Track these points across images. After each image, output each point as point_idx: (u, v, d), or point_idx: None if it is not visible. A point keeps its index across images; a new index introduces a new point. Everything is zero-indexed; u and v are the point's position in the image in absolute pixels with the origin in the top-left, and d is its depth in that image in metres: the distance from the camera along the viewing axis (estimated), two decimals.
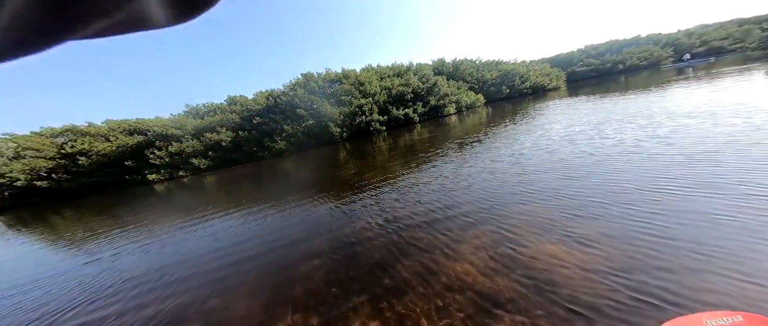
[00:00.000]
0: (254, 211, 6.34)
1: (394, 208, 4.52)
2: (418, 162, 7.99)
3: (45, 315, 3.35)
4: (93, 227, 8.09)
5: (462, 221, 3.58)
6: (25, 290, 4.25)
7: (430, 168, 6.95)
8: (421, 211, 4.15)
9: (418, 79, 31.50)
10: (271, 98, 26.84)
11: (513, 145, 7.69)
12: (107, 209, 11.80)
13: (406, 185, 5.85)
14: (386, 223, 3.96)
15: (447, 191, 4.87)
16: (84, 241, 6.69)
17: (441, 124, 21.59)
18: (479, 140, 9.57)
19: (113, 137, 24.46)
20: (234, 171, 19.43)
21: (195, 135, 24.77)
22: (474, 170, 5.91)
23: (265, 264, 3.53)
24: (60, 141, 24.43)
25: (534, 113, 14.61)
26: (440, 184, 5.38)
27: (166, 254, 4.69)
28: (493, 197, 4.17)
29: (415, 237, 3.37)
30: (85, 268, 4.73)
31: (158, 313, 2.96)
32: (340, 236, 3.82)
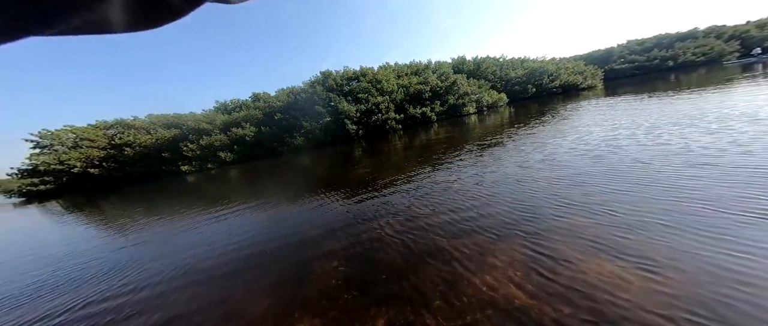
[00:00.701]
0: (273, 205, 6.46)
1: (413, 211, 4.28)
2: (435, 163, 7.61)
3: (89, 282, 3.91)
4: (133, 215, 8.70)
5: (489, 230, 3.24)
6: (80, 262, 4.87)
7: (449, 171, 6.53)
8: (442, 217, 3.86)
9: (436, 78, 30.96)
10: (291, 94, 27.98)
11: (543, 149, 6.91)
12: (146, 198, 13.08)
13: (423, 187, 5.53)
14: (404, 227, 3.76)
15: (470, 197, 4.48)
16: (124, 226, 7.25)
17: (459, 124, 21.08)
18: (502, 143, 8.90)
19: (153, 130, 27.04)
20: (255, 165, 20.58)
21: (223, 130, 26.57)
22: (498, 176, 5.34)
23: (280, 259, 3.49)
24: (111, 133, 27.54)
25: (565, 114, 13.57)
26: (462, 189, 4.98)
27: (193, 243, 4.81)
28: (523, 207, 3.71)
29: (436, 244, 3.12)
30: (124, 251, 5.07)
31: (176, 302, 2.95)
32: (356, 238, 3.68)
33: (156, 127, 27.22)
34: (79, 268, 4.53)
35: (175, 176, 24.89)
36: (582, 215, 3.22)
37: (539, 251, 2.68)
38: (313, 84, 27.78)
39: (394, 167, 8.23)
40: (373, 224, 4.04)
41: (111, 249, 5.38)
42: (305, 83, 28.68)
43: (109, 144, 26.60)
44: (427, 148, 11.26)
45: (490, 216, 3.61)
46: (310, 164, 14.34)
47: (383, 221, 4.05)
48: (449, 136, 13.86)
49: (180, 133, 26.82)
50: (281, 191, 8.16)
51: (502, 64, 39.26)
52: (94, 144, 26.46)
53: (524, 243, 2.85)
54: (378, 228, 3.86)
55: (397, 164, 8.85)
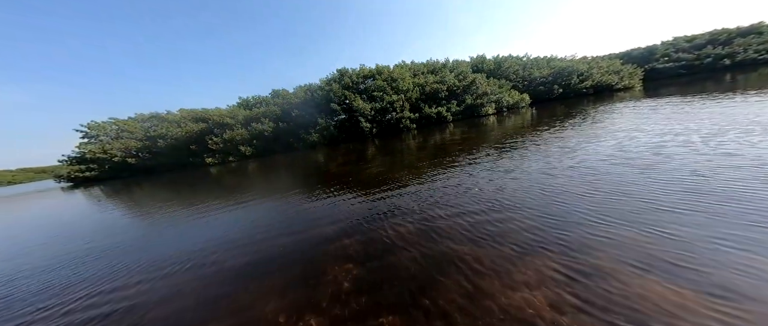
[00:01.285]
0: (288, 199, 6.53)
1: (429, 215, 4.07)
2: (451, 166, 7.28)
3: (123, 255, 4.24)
4: (161, 203, 9.19)
5: (514, 241, 2.97)
6: (116, 242, 5.36)
7: (466, 174, 6.14)
8: (461, 223, 3.62)
9: (454, 77, 30.22)
10: (309, 91, 28.73)
11: (572, 155, 6.27)
12: (174, 187, 14.12)
13: (439, 190, 5.26)
14: (420, 231, 3.55)
15: (491, 204, 4.16)
16: (151, 213, 7.69)
17: (477, 124, 20.47)
18: (524, 147, 8.35)
19: (183, 123, 29.07)
20: (272, 160, 21.41)
21: (244, 125, 27.93)
22: (522, 183, 4.88)
23: (294, 257, 3.41)
24: (147, 125, 30.02)
25: (597, 117, 12.63)
26: (481, 195, 4.62)
27: (210, 234, 4.92)
28: (553, 219, 3.34)
29: (455, 253, 2.90)
30: (147, 239, 5.37)
31: (189, 293, 2.98)
32: (370, 239, 3.54)
33: (186, 121, 29.26)
34: (108, 253, 4.83)
35: (200, 167, 26.61)
36: (630, 232, 2.81)
37: (576, 267, 2.39)
38: (329, 82, 28.31)
39: (408, 168, 8.07)
40: (388, 226, 3.89)
41: (136, 236, 5.72)
42: (322, 81, 29.31)
43: (145, 136, 29.04)
44: (441, 149, 10.99)
45: (514, 226, 3.30)
46: (325, 160, 14.60)
47: (398, 224, 3.90)
48: (465, 137, 13.45)
49: (206, 127, 28.61)
50: (296, 186, 8.31)
51: (526, 63, 37.41)
52: (132, 135, 29.05)
53: (558, 259, 2.54)
54: (392, 231, 3.71)
55: (412, 164, 8.65)
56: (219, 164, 26.48)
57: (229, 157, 27.31)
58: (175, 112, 31.15)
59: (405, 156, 10.83)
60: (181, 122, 29.23)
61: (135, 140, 28.82)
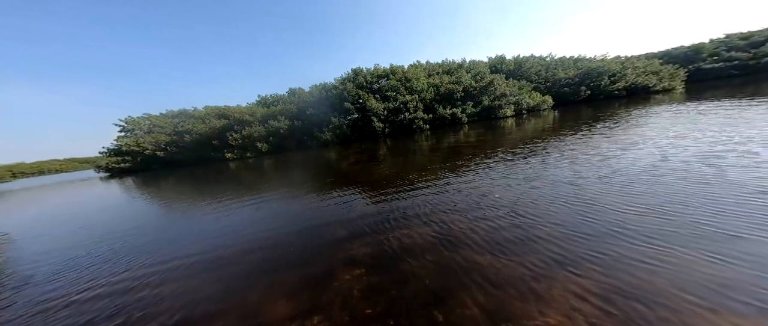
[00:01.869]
0: (300, 197, 6.53)
1: (446, 221, 3.82)
2: (465, 170, 6.92)
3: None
4: (183, 195, 9.81)
5: (540, 255, 2.68)
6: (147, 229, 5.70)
7: (482, 180, 5.75)
8: (480, 231, 3.34)
9: (471, 78, 29.35)
10: (323, 90, 29.24)
11: (603, 163, 5.60)
12: (196, 180, 14.88)
13: (454, 195, 4.97)
14: (436, 237, 3.34)
15: (512, 211, 3.84)
16: (173, 205, 8.19)
17: (493, 127, 19.74)
18: (545, 151, 7.74)
19: (207, 119, 30.77)
20: (286, 157, 22.05)
21: (262, 122, 29.02)
22: (543, 193, 4.40)
23: (304, 258, 3.32)
24: (176, 121, 32.13)
25: (633, 120, 11.55)
26: (500, 201, 4.32)
27: (224, 229, 5.00)
28: (583, 232, 3.01)
29: (474, 263, 2.69)
30: (167, 230, 5.64)
31: (197, 290, 2.96)
32: (382, 244, 3.36)
33: (210, 117, 30.96)
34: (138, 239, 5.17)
35: (220, 162, 27.98)
36: (689, 258, 2.45)
37: (615, 291, 2.11)
38: (344, 81, 28.63)
39: (421, 170, 7.82)
40: (400, 230, 3.71)
41: (158, 226, 6.07)
42: (337, 80, 29.71)
43: (173, 131, 31.11)
44: (455, 151, 10.63)
45: (537, 239, 3.01)
46: (337, 159, 14.70)
47: (411, 229, 3.70)
48: (481, 140, 12.95)
49: (228, 123, 30.07)
50: (309, 184, 8.36)
51: (549, 63, 35.50)
52: (162, 130, 31.25)
53: (592, 280, 2.27)
54: (405, 236, 3.51)
55: (425, 166, 8.38)
56: (237, 160, 27.70)
57: (247, 153, 28.48)
58: (200, 108, 33.07)
59: (418, 157, 10.61)
60: (206, 118, 30.96)
61: (164, 134, 30.96)
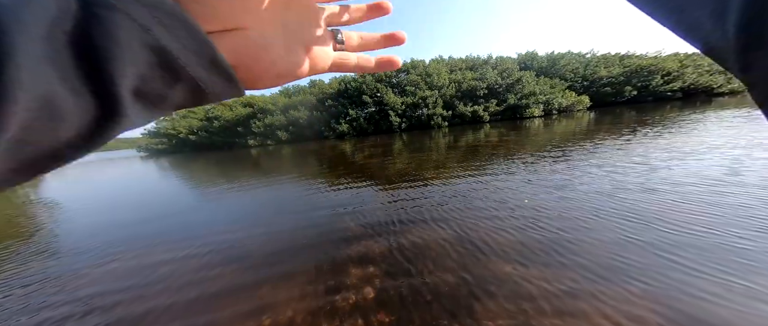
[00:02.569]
0: (316, 187, 6.45)
1: (467, 223, 3.50)
2: (486, 171, 6.38)
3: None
4: (211, 177, 10.11)
5: (580, 271, 2.32)
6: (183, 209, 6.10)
7: (505, 183, 5.22)
8: (507, 236, 3.04)
9: (496, 74, 27.57)
10: (343, 83, 29.31)
11: (650, 174, 4.74)
12: (221, 164, 15.56)
13: (475, 195, 4.59)
14: (459, 241, 3.05)
15: (542, 219, 3.45)
16: (202, 186, 8.38)
17: (518, 127, 18.40)
18: (577, 155, 6.85)
19: (234, 107, 32.46)
20: (305, 146, 22.46)
21: (283, 111, 29.95)
22: (579, 202, 3.84)
23: (316, 251, 3.15)
24: (207, 107, 34.33)
25: (689, 126, 9.77)
26: (528, 206, 3.89)
27: (241, 214, 5.06)
28: (628, 250, 2.55)
29: (502, 272, 2.41)
30: (194, 211, 5.67)
31: (204, 279, 2.88)
32: (400, 244, 3.10)
33: (236, 105, 32.61)
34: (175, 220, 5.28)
35: (243, 148, 29.47)
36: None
37: (671, 320, 1.77)
38: (363, 74, 28.42)
39: (439, 167, 7.37)
40: (419, 230, 3.46)
41: (184, 206, 6.16)
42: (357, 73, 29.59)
43: (204, 116, 33.29)
44: (474, 151, 9.87)
45: (573, 253, 2.64)
46: (353, 151, 14.55)
47: (431, 229, 3.43)
48: (503, 140, 11.97)
49: (252, 111, 31.47)
50: (325, 174, 8.28)
51: (589, 61, 32.21)
52: (195, 115, 33.57)
53: (642, 303, 1.92)
54: (424, 236, 3.26)
55: (443, 164, 7.89)
56: (259, 147, 28.94)
57: (268, 140, 29.62)
58: None
59: (434, 155, 10.07)
60: (233, 105, 32.66)
61: (197, 119, 33.24)
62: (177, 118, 33.74)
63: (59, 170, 5.11)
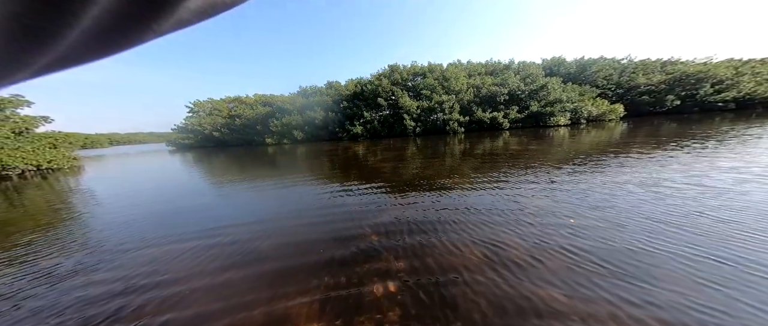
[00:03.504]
0: (332, 190, 6.24)
1: (498, 240, 3.12)
2: (506, 180, 5.96)
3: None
4: (231, 172, 10.68)
5: (644, 306, 1.97)
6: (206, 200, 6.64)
7: (536, 194, 4.76)
8: (546, 257, 2.68)
9: (519, 80, 26.15)
10: (358, 85, 29.28)
11: (719, 198, 3.93)
12: (241, 160, 16.16)
13: (500, 207, 4.23)
14: (488, 260, 2.71)
15: (582, 239, 3.02)
16: (222, 180, 8.62)
17: (540, 136, 17.36)
18: (610, 169, 6.17)
19: (255, 106, 33.59)
20: (319, 146, 22.67)
21: (300, 111, 30.50)
22: (623, 228, 3.23)
23: (332, 264, 2.85)
24: (231, 106, 35.86)
25: (750, 142, 8.46)
26: (566, 224, 3.43)
27: (261, 213, 5.01)
28: (701, 293, 2.11)
29: (548, 297, 2.12)
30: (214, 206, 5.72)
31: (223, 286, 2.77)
32: (422, 258, 2.80)
33: (257, 104, 33.74)
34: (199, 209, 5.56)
35: (260, 146, 30.33)
36: None
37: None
38: (380, 76, 28.24)
39: (458, 175, 6.91)
40: (443, 244, 3.10)
41: (205, 200, 6.34)
42: (373, 75, 29.47)
43: (228, 114, 34.80)
44: (491, 159, 9.28)
45: (625, 284, 2.25)
46: (367, 153, 14.37)
47: (457, 244, 3.05)
48: (523, 149, 11.23)
49: (271, 110, 32.38)
50: (341, 176, 8.07)
51: (625, 67, 29.63)
52: (220, 113, 35.20)
53: None
54: (450, 251, 2.92)
55: (461, 171, 7.45)
56: (275, 145, 29.63)
57: (284, 139, 30.26)
58: (251, 95, 36.30)
59: (451, 161, 9.66)
60: (254, 104, 33.82)
61: (221, 117, 34.81)
62: (203, 114, 35.57)
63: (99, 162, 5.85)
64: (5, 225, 5.09)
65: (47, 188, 9.52)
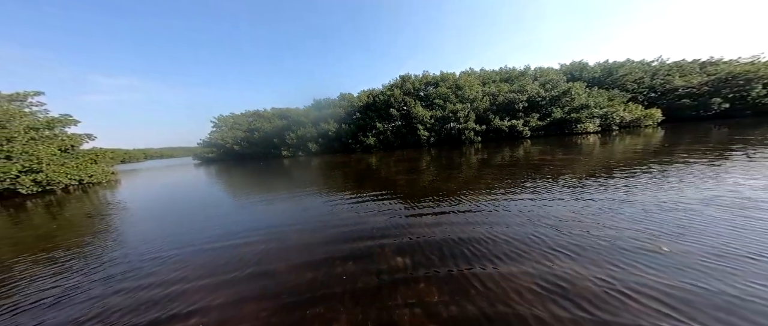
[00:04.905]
0: (346, 203, 6.01)
1: (554, 265, 2.61)
2: (537, 192, 5.33)
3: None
4: (250, 184, 11.06)
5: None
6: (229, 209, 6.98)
7: (588, 207, 4.14)
8: (632, 289, 2.16)
9: (538, 86, 24.85)
10: (371, 96, 29.33)
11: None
12: (259, 173, 16.36)
13: (550, 221, 3.67)
14: (545, 291, 2.23)
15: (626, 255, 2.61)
16: (242, 193, 9.10)
17: (565, 144, 16.11)
18: (656, 181, 5.31)
19: (272, 119, 34.69)
20: (332, 158, 22.62)
21: (314, 124, 30.97)
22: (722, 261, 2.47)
23: (357, 292, 2.49)
24: (250, 120, 37.33)
25: None
26: (651, 246, 2.78)
27: (281, 222, 5.05)
28: None
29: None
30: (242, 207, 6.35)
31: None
32: (463, 290, 2.36)
33: (274, 117, 34.84)
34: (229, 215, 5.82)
35: (276, 158, 30.92)
36: None
37: None
38: (391, 87, 28.13)
39: (481, 186, 6.33)
40: (484, 271, 2.58)
41: (232, 207, 6.76)
42: (384, 86, 29.44)
43: (247, 128, 36.19)
44: (519, 169, 8.48)
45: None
46: (380, 165, 13.90)
47: (503, 272, 2.56)
48: (547, 159, 10.18)
49: (286, 123, 33.20)
50: (358, 189, 7.66)
51: (657, 69, 27.30)
52: (240, 127, 36.72)
53: None
54: (491, 279, 2.46)
55: (485, 182, 6.81)
56: (291, 157, 30.07)
57: (299, 151, 30.67)
58: (268, 109, 37.66)
59: (472, 171, 9.03)
60: (271, 118, 34.94)
61: (241, 131, 36.26)
62: (225, 129, 37.28)
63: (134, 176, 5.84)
64: (48, 237, 5.31)
65: (86, 201, 10.01)
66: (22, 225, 6.72)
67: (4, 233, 5.97)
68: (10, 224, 6.92)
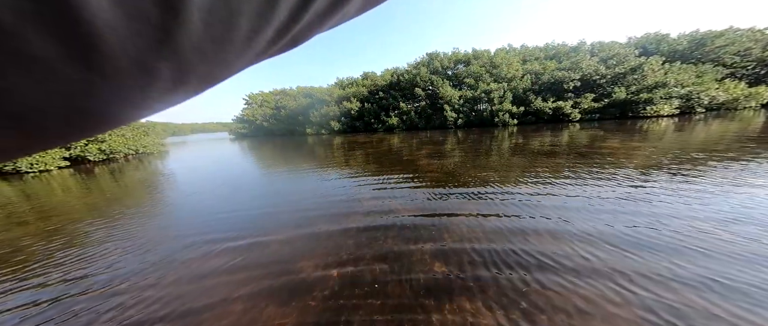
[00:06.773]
0: (378, 191, 5.23)
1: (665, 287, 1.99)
2: (598, 188, 4.27)
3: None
4: (276, 158, 11.29)
5: None
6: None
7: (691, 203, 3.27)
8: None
9: (597, 62, 20.47)
10: (395, 75, 27.28)
11: None
12: (284, 148, 16.21)
13: (645, 222, 2.94)
14: (653, 311, 1.80)
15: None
16: (270, 166, 9.05)
17: (627, 128, 13.02)
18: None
19: (297, 97, 34.66)
20: (354, 137, 21.68)
21: (337, 103, 30.14)
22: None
23: (391, 298, 2.16)
24: (278, 98, 37.85)
25: None
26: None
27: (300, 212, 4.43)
28: None
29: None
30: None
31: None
32: (529, 305, 1.96)
33: (299, 96, 34.74)
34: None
35: (300, 135, 31.02)
36: None
37: None
38: (417, 66, 25.71)
39: (529, 176, 5.36)
40: (557, 287, 2.12)
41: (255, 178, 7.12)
42: (410, 65, 27.05)
43: (275, 106, 36.81)
44: (572, 157, 6.86)
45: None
46: (405, 147, 12.44)
47: (581, 289, 2.07)
48: (599, 146, 8.08)
49: (311, 102, 32.89)
50: (384, 172, 6.90)
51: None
52: (269, 105, 37.49)
53: None
54: (566, 300, 2.00)
55: (533, 172, 5.61)
56: (314, 135, 29.89)
57: (322, 130, 30.30)
58: (294, 88, 37.69)
59: (492, 158, 7.68)
60: (296, 96, 34.92)
61: (269, 108, 37.05)
62: (256, 106, 38.43)
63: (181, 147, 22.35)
64: (114, 201, 6.01)
65: (142, 169, 11.41)
66: (119, 181, 8.61)
67: (107, 185, 7.86)
68: (112, 181, 8.73)
